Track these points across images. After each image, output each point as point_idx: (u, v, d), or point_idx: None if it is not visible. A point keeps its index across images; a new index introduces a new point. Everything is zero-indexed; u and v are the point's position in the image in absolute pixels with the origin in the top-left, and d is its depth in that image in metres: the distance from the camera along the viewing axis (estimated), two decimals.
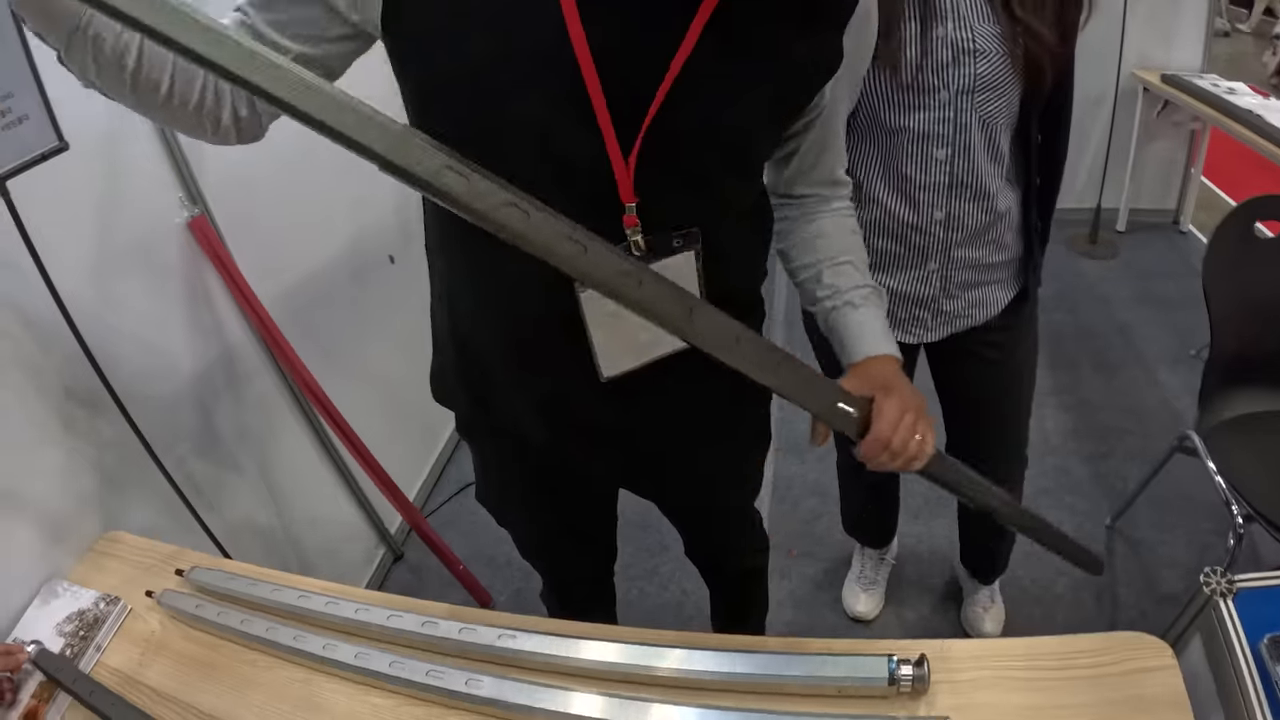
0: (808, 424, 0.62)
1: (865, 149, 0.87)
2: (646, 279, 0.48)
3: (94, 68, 0.51)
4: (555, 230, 0.44)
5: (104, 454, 0.93)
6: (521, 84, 0.50)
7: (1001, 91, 0.80)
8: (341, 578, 1.43)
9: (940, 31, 0.78)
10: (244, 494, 1.20)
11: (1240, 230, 1.20)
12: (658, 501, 0.91)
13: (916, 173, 0.86)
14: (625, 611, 1.40)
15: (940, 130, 0.82)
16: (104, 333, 0.94)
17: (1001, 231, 0.91)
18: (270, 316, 1.16)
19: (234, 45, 0.39)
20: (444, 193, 0.42)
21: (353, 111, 0.40)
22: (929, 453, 0.62)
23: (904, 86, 0.80)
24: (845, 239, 0.70)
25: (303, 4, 0.53)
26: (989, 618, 1.33)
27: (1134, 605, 1.36)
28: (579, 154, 0.52)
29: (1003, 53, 0.78)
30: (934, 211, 0.88)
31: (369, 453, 1.31)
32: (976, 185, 0.86)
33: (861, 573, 1.41)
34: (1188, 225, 2.56)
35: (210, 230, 1.08)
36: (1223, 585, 0.67)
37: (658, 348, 0.63)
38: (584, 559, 0.99)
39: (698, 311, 0.50)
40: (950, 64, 0.79)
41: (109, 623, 0.79)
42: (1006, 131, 0.84)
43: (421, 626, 0.70)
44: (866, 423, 0.60)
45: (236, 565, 0.85)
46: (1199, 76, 2.23)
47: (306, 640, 0.71)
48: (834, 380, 0.60)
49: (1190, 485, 1.38)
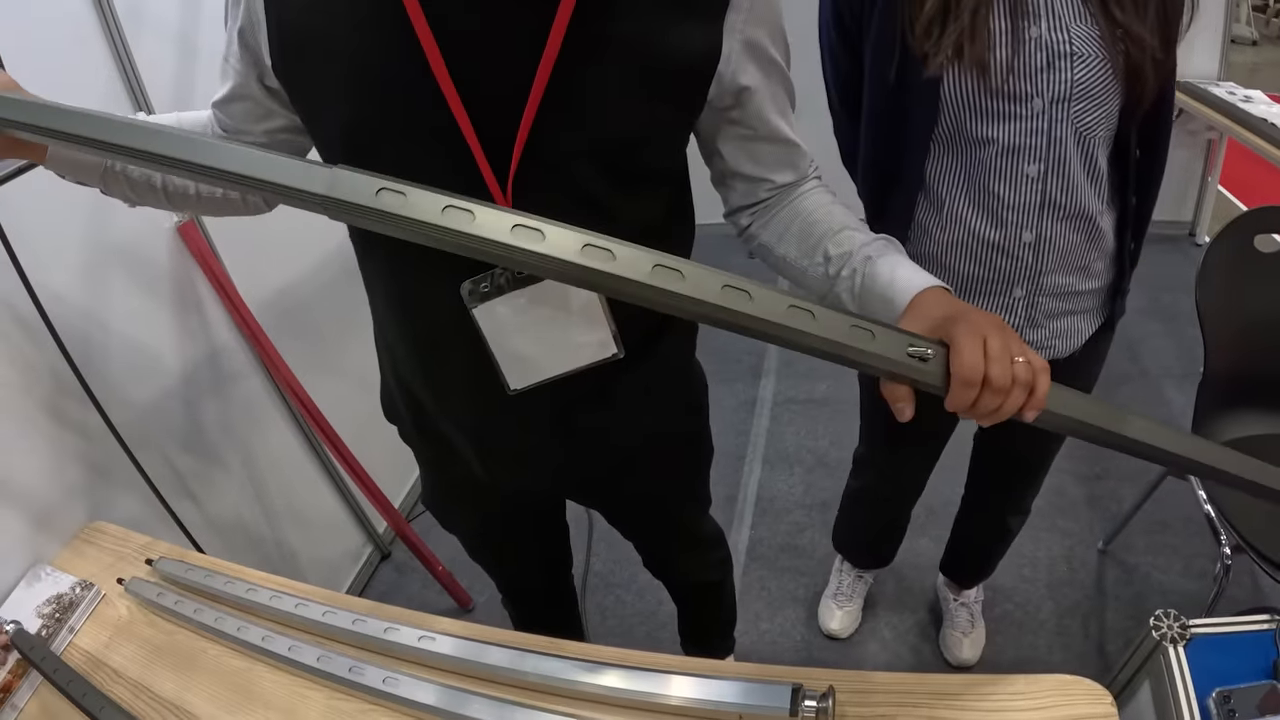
0: (794, 437, 0.58)
1: (948, 162, 0.80)
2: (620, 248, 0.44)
3: (132, 195, 0.65)
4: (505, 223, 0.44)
5: (92, 448, 0.98)
6: (392, 126, 0.52)
7: (1100, 101, 0.73)
8: (327, 575, 1.47)
9: (1034, 32, 0.70)
10: (230, 492, 1.24)
11: (1239, 244, 1.15)
12: (603, 513, 0.91)
13: (1005, 190, 0.78)
14: (599, 620, 1.41)
15: (1032, 143, 0.74)
16: (93, 332, 0.99)
17: (1094, 257, 0.83)
18: (256, 320, 1.21)
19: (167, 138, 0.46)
20: (384, 214, 0.44)
21: (282, 163, 0.45)
22: (1044, 368, 0.47)
23: (993, 92, 0.73)
24: (830, 210, 0.62)
25: (239, 99, 0.61)
26: (968, 642, 1.29)
27: (1122, 633, 1.31)
28: (456, 185, 0.51)
29: (1102, 57, 0.71)
30: (1022, 233, 0.80)
31: (350, 454, 1.34)
32: (1071, 205, 0.78)
33: (838, 589, 1.39)
34: (1204, 237, 2.47)
35: (199, 235, 1.14)
36: (1174, 630, 0.64)
37: (563, 359, 0.62)
38: (530, 568, 1.00)
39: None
40: (1045, 68, 0.71)
41: (82, 607, 0.84)
42: (1105, 146, 0.77)
43: (352, 624, 0.72)
44: (947, 372, 0.47)
45: (198, 558, 0.89)
46: (1215, 84, 2.16)
47: (248, 631, 0.75)
48: (893, 325, 0.49)
49: (1189, 508, 1.33)
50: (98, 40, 0.99)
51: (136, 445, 1.01)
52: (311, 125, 0.58)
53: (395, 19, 0.48)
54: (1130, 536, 1.45)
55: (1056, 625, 1.33)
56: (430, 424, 0.73)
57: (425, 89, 0.49)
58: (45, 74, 0.91)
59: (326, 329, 1.40)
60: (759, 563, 1.50)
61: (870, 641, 1.35)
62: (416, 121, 0.52)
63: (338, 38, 0.51)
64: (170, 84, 1.08)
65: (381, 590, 1.54)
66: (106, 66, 1.00)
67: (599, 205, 0.55)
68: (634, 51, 0.51)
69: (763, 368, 2.04)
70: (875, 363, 0.47)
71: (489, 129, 0.51)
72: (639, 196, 0.58)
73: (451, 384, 0.66)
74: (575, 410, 0.66)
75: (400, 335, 0.67)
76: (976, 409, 0.47)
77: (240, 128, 0.63)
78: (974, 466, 1.18)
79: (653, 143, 0.57)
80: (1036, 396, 0.47)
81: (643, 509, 0.87)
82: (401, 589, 1.53)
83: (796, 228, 0.62)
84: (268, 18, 0.53)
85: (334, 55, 0.52)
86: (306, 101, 0.56)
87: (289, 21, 0.53)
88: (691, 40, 0.53)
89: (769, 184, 0.63)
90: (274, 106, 0.60)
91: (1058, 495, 1.58)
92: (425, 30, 0.48)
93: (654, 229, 0.60)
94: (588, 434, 0.69)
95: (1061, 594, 1.38)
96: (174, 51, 1.09)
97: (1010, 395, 0.46)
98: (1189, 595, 1.35)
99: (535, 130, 0.51)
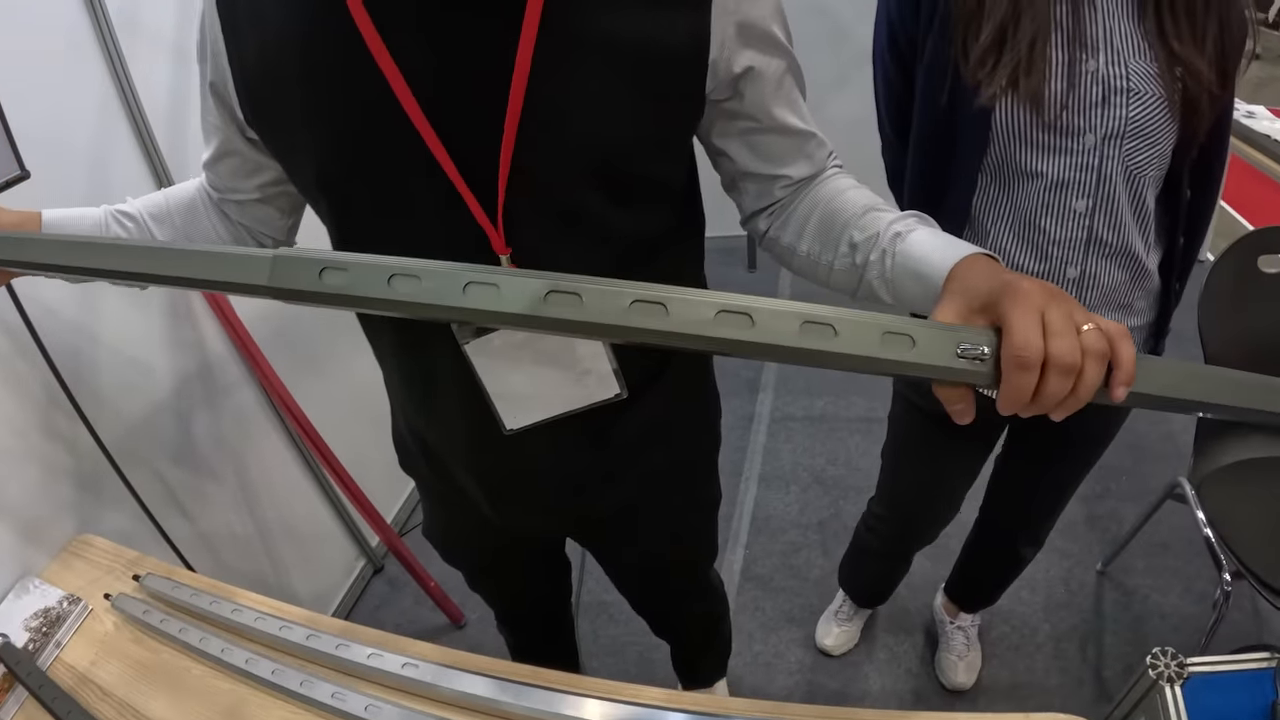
0: (791, 454, 0.55)
1: (994, 193, 0.78)
2: (586, 291, 0.39)
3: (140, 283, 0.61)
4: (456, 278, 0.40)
5: (82, 461, 0.98)
6: (369, 167, 0.50)
7: (1153, 140, 0.72)
8: (319, 589, 1.46)
9: (1091, 66, 0.69)
10: (222, 505, 1.23)
11: (1242, 264, 1.14)
12: (603, 559, 0.89)
13: (1052, 225, 0.76)
14: (592, 639, 1.40)
15: (1082, 178, 0.73)
16: (83, 345, 0.99)
17: (1138, 296, 0.82)
18: (249, 332, 1.20)
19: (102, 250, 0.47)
20: (330, 296, 0.41)
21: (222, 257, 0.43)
22: (1122, 333, 0.38)
23: (1045, 126, 0.71)
24: (852, 195, 0.56)
25: (227, 155, 0.59)
26: (963, 666, 1.28)
27: (1120, 658, 1.30)
28: (445, 221, 0.50)
29: (1159, 95, 0.69)
30: (1067, 269, 0.79)
31: (342, 467, 1.33)
32: (1118, 243, 0.77)
33: (839, 608, 1.38)
34: (1207, 255, 2.45)
35: None
36: (1171, 669, 0.61)
37: (561, 399, 0.59)
38: (530, 600, 0.98)
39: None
40: (1100, 103, 0.70)
41: (69, 621, 0.83)
42: (1154, 186, 0.76)
43: (335, 649, 0.71)
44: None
45: (185, 575, 0.88)
46: None
47: (232, 654, 0.74)
48: (934, 321, 0.41)
49: (1189, 530, 1.31)
50: (92, 48, 0.98)
51: (127, 458, 1.01)
52: (289, 172, 0.57)
53: (357, 56, 0.46)
54: (1130, 558, 1.44)
55: (1054, 649, 1.32)
56: (441, 466, 0.71)
57: (397, 125, 0.47)
58: (39, 82, 0.91)
59: (320, 342, 1.39)
60: (753, 583, 1.49)
61: (865, 663, 1.33)
62: (393, 159, 0.49)
63: (301, 80, 0.49)
64: (165, 94, 1.08)
65: (374, 604, 1.53)
66: (101, 75, 0.99)
67: (598, 223, 0.52)
68: (613, 49, 0.47)
69: (760, 382, 2.03)
70: (921, 373, 0.39)
71: (469, 157, 0.48)
72: (640, 210, 0.54)
73: (452, 425, 0.64)
74: (581, 451, 0.64)
75: (402, 378, 0.66)
76: (1041, 398, 0.37)
77: (231, 186, 0.62)
78: (991, 494, 1.15)
79: (649, 149, 0.52)
80: (1123, 368, 0.37)
81: (649, 557, 0.84)
82: (394, 603, 1.52)
83: (816, 219, 0.56)
84: (232, 69, 0.52)
85: (300, 99, 0.50)
86: (280, 148, 0.55)
87: (252, 69, 0.51)
88: (675, 29, 0.48)
89: (784, 180, 0.57)
90: (262, 159, 0.58)
91: None
92: (389, 63, 0.46)
93: (660, 243, 0.57)
94: (594, 475, 0.67)
95: (1059, 617, 1.37)
96: (169, 61, 1.08)
97: (1085, 373, 0.37)
98: (1189, 619, 1.34)
99: (519, 151, 0.48)
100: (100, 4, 0.97)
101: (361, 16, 0.45)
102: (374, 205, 0.51)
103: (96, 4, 0.97)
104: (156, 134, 1.06)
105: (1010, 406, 0.38)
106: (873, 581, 1.32)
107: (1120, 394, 0.38)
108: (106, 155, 1.01)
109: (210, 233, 0.65)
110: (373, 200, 0.52)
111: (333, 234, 0.57)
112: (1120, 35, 0.69)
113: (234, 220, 0.65)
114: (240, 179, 0.61)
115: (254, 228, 0.66)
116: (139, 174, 1.06)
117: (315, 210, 0.58)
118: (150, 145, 1.06)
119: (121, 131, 1.03)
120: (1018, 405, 0.38)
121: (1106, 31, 0.69)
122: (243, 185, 0.62)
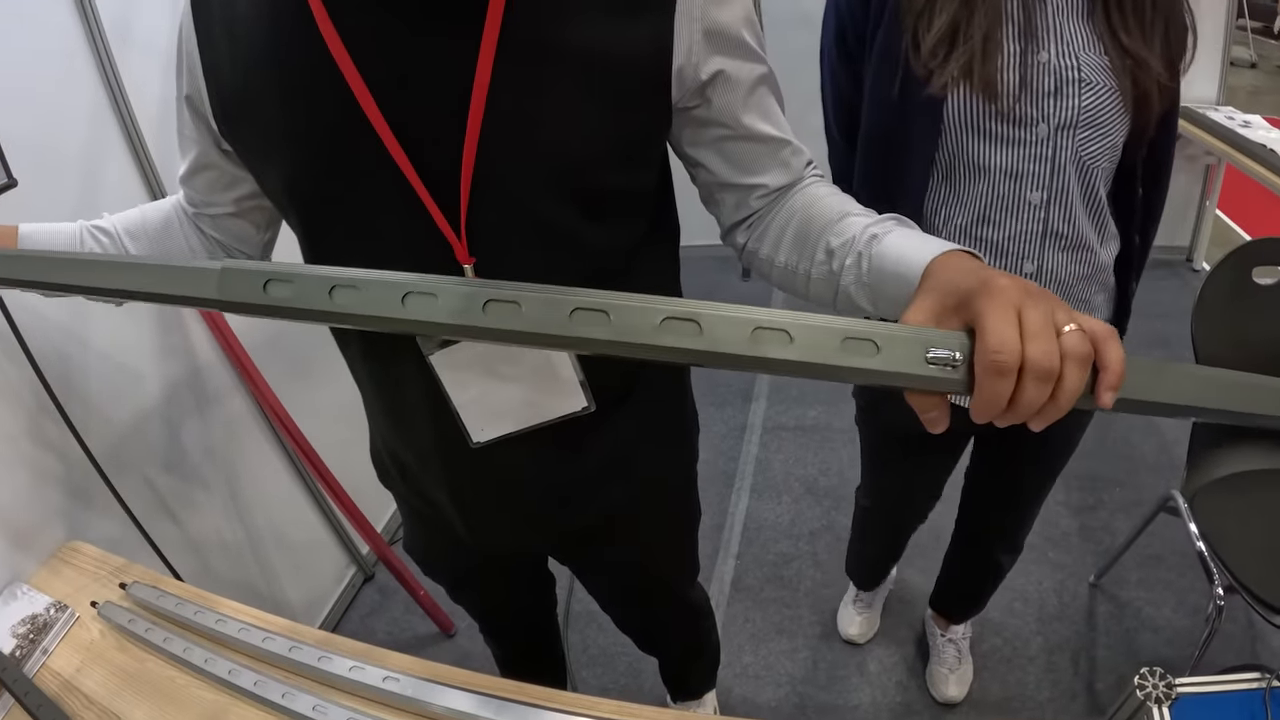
0: (783, 464, 0.54)
1: (945, 193, 0.78)
2: (527, 299, 0.37)
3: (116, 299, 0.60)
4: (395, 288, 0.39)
5: (71, 467, 0.97)
6: (336, 178, 0.50)
7: (1105, 130, 0.73)
8: (310, 596, 1.46)
9: (1043, 57, 0.70)
10: (211, 512, 1.23)
11: (1236, 276, 1.14)
12: (584, 578, 0.88)
13: (1007, 218, 0.77)
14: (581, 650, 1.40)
15: (1036, 169, 0.74)
16: (73, 350, 0.99)
17: (1094, 291, 0.83)
18: (239, 339, 1.20)
19: (52, 264, 0.46)
20: (276, 309, 0.41)
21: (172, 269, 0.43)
22: (1108, 334, 0.35)
23: (999, 115, 0.72)
24: (829, 200, 0.54)
25: (203, 169, 0.60)
26: (954, 679, 1.27)
27: (1113, 670, 1.29)
28: (410, 232, 0.50)
29: (1110, 86, 0.71)
30: (1024, 264, 0.79)
31: (331, 475, 1.33)
32: (1072, 235, 0.77)
33: (857, 596, 1.38)
34: (1201, 263, 2.46)
35: None
36: (1160, 690, 0.60)
37: (527, 413, 0.59)
38: (513, 614, 0.97)
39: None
40: (1052, 94, 0.71)
41: (56, 628, 0.83)
42: (1105, 179, 0.77)
43: (318, 661, 0.71)
44: None
45: (171, 584, 0.88)
46: (1214, 109, 2.15)
47: (216, 664, 0.73)
48: (900, 325, 0.37)
49: (1183, 542, 1.30)
50: (85, 56, 0.98)
51: (117, 464, 1.00)
52: (261, 183, 0.57)
53: (326, 72, 0.46)
54: (1123, 570, 1.43)
55: (1046, 661, 1.31)
56: (414, 481, 0.70)
57: (364, 137, 0.47)
58: (29, 89, 0.92)
59: (310, 349, 1.39)
60: (744, 594, 1.48)
61: (854, 676, 1.33)
62: (358, 170, 0.50)
63: (273, 95, 0.50)
64: (157, 103, 1.08)
65: (364, 612, 1.52)
66: (93, 83, 1.00)
67: (567, 234, 0.51)
68: (575, 59, 0.47)
69: (753, 391, 2.02)
70: (887, 382, 0.35)
71: (433, 166, 0.48)
72: (610, 220, 0.53)
73: (421, 437, 0.64)
74: (551, 466, 0.63)
75: (373, 390, 0.66)
76: (1018, 406, 0.34)
77: (207, 199, 0.62)
78: (965, 502, 1.17)
79: (614, 159, 0.51)
80: (1110, 372, 0.34)
81: (628, 572, 0.83)
82: (385, 611, 1.52)
83: (792, 229, 0.54)
84: (207, 83, 0.53)
85: (272, 112, 0.51)
86: (251, 160, 0.55)
87: (226, 82, 0.52)
88: (638, 37, 0.47)
89: (760, 190, 0.56)
90: (238, 172, 0.58)
91: (1050, 527, 1.56)
92: (355, 76, 0.46)
93: (633, 255, 0.56)
94: (566, 491, 0.66)
95: (1051, 629, 1.36)
96: (161, 70, 1.08)
97: (1065, 378, 0.34)
98: (1182, 632, 1.33)
99: (481, 162, 0.48)
100: (94, 11, 0.97)
101: (330, 34, 0.46)
102: (342, 217, 0.51)
103: (90, 11, 0.97)
104: (149, 143, 1.06)
105: (985, 415, 0.35)
106: (871, 564, 1.34)
107: (1107, 400, 0.35)
108: (98, 164, 1.01)
109: (184, 247, 0.66)
110: (341, 213, 0.52)
111: (303, 245, 0.57)
112: (1070, 31, 0.71)
113: (209, 235, 0.66)
114: (217, 192, 0.61)
115: (229, 243, 0.66)
116: (131, 184, 1.06)
117: (287, 222, 0.58)
118: (143, 154, 1.06)
119: (113, 140, 1.03)
120: (993, 413, 0.35)
121: (1057, 27, 0.70)
122: (219, 199, 0.62)
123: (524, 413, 0.59)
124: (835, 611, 1.41)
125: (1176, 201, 2.42)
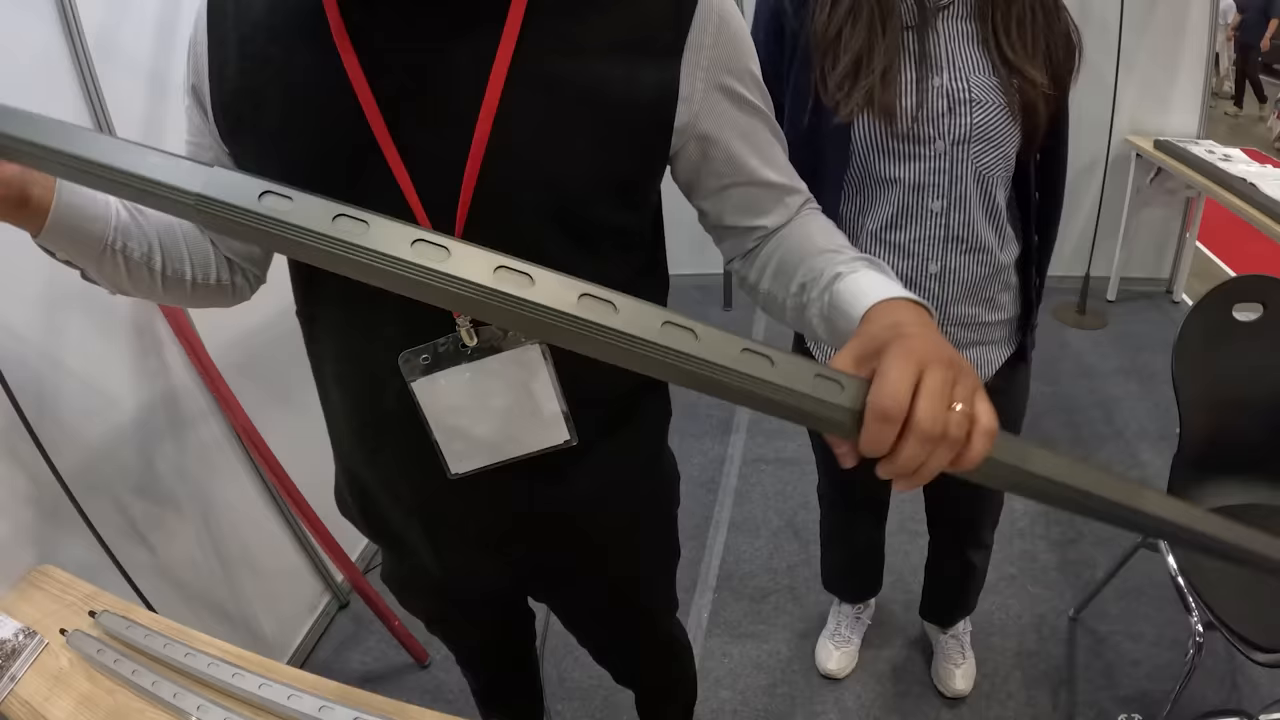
0: (762, 498, 0.53)
1: (859, 202, 0.87)
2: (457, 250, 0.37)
3: (127, 279, 0.57)
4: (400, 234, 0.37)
5: (43, 489, 0.95)
6: (334, 191, 0.49)
7: (997, 144, 0.81)
8: (284, 624, 1.43)
9: (936, 82, 0.78)
10: (184, 537, 1.20)
11: (1217, 312, 1.15)
12: (562, 616, 0.86)
13: (912, 224, 0.85)
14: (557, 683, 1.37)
15: (935, 181, 0.82)
16: (46, 371, 0.96)
17: (998, 290, 0.90)
18: (215, 364, 1.18)
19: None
20: (268, 218, 0.36)
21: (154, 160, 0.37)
22: (986, 431, 0.36)
23: (899, 136, 0.80)
24: (812, 236, 0.55)
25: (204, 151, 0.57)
26: (960, 674, 1.29)
27: (1093, 704, 1.29)
28: None
29: (999, 104, 0.79)
30: (929, 265, 0.87)
31: (306, 503, 1.31)
32: (972, 239, 0.85)
33: (837, 630, 1.38)
34: (1181, 295, 2.50)
35: None
36: None
37: (509, 444, 0.58)
38: (490, 648, 0.95)
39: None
40: (946, 113, 0.79)
41: (25, 655, 0.81)
42: (1002, 186, 0.85)
43: (287, 699, 0.69)
44: None
45: (141, 615, 0.86)
46: (1194, 143, 2.19)
47: (185, 699, 0.72)
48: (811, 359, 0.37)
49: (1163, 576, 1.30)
50: (66, 71, 0.97)
51: (89, 487, 0.98)
52: None
53: (334, 81, 0.47)
54: (1103, 604, 1.43)
55: (1025, 697, 1.30)
56: (379, 516, 0.69)
57: (366, 147, 0.48)
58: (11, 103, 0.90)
59: (287, 375, 1.36)
60: (721, 628, 1.46)
61: (832, 712, 1.30)
62: (357, 180, 0.50)
63: (277, 100, 0.50)
64: (139, 120, 1.07)
65: (338, 641, 1.49)
66: (74, 99, 0.98)
67: (556, 266, 0.51)
68: (583, 92, 0.48)
69: (732, 423, 2.01)
70: (778, 396, 0.35)
71: (433, 192, 0.49)
72: (602, 256, 0.53)
73: (395, 469, 0.62)
74: (530, 499, 0.62)
75: (345, 418, 0.64)
76: (896, 460, 0.35)
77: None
78: (928, 517, 1.22)
79: (613, 196, 0.52)
80: (967, 456, 0.35)
81: (600, 613, 0.82)
82: (359, 640, 1.48)
83: (776, 260, 0.56)
84: (211, 81, 0.53)
85: (275, 118, 0.51)
86: (248, 165, 0.54)
87: (230, 84, 0.52)
88: (645, 81, 0.49)
89: (759, 231, 0.58)
90: None
91: (1029, 561, 1.56)
92: (366, 91, 0.47)
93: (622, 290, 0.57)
94: (544, 526, 0.65)
95: (1030, 664, 1.35)
96: (144, 87, 1.08)
97: (931, 456, 0.35)
98: (1162, 667, 1.33)
99: (480, 190, 0.48)
100: (77, 28, 0.96)
101: (344, 44, 0.47)
102: None
103: (73, 28, 0.96)
104: None
105: (868, 452, 0.36)
106: (849, 564, 1.33)
107: (966, 469, 0.36)
108: None
109: (182, 241, 0.61)
110: None
111: (292, 263, 0.57)
112: (961, 56, 0.79)
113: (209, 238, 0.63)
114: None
115: (229, 255, 0.63)
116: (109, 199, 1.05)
117: None
118: None
119: None
120: (875, 455, 0.36)
121: (949, 54, 0.79)
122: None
123: (504, 445, 0.58)
124: (814, 646, 1.40)
125: (1157, 234, 2.47)
